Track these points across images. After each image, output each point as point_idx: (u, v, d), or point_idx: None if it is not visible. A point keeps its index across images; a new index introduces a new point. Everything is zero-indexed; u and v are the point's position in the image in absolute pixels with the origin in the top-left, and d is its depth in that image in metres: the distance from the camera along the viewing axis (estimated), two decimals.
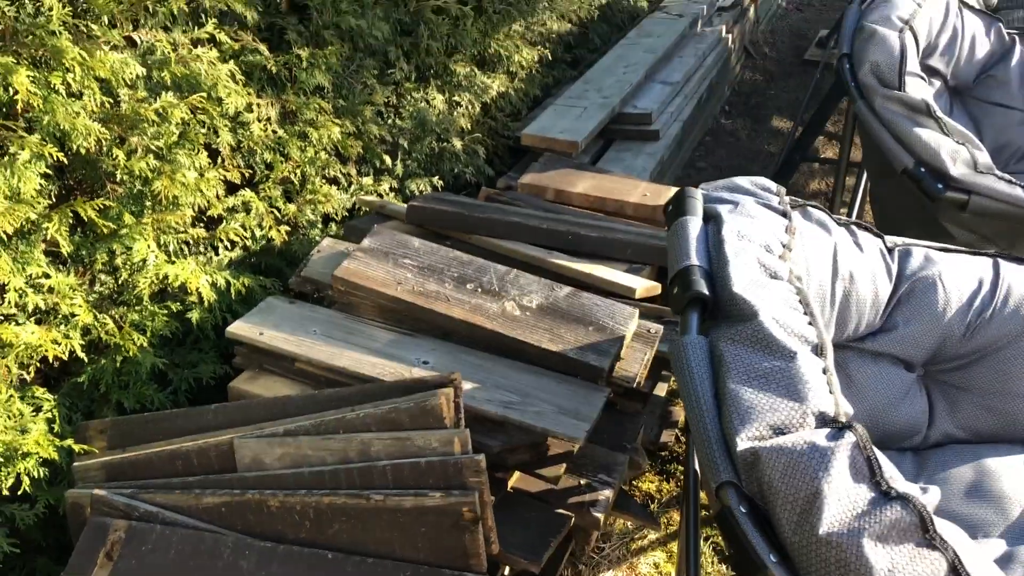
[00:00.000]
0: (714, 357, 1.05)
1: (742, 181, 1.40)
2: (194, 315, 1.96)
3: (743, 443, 0.93)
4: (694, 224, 1.21)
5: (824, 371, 1.02)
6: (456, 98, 2.92)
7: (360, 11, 2.43)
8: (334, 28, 2.39)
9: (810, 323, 1.08)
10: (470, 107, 2.97)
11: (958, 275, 1.58)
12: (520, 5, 3.13)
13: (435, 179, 2.76)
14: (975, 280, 1.59)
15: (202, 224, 2.07)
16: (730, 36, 4.37)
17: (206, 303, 1.94)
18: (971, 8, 2.59)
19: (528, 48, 3.20)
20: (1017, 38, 2.60)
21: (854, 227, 1.57)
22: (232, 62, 2.05)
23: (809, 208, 1.51)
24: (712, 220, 1.24)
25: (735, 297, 1.07)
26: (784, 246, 1.25)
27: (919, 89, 2.06)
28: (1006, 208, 1.94)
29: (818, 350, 1.05)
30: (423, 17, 2.72)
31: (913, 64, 2.10)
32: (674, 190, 2.71)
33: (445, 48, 2.85)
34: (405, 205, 2.28)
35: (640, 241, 2.04)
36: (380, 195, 2.55)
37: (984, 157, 1.98)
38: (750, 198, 1.33)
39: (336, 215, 2.45)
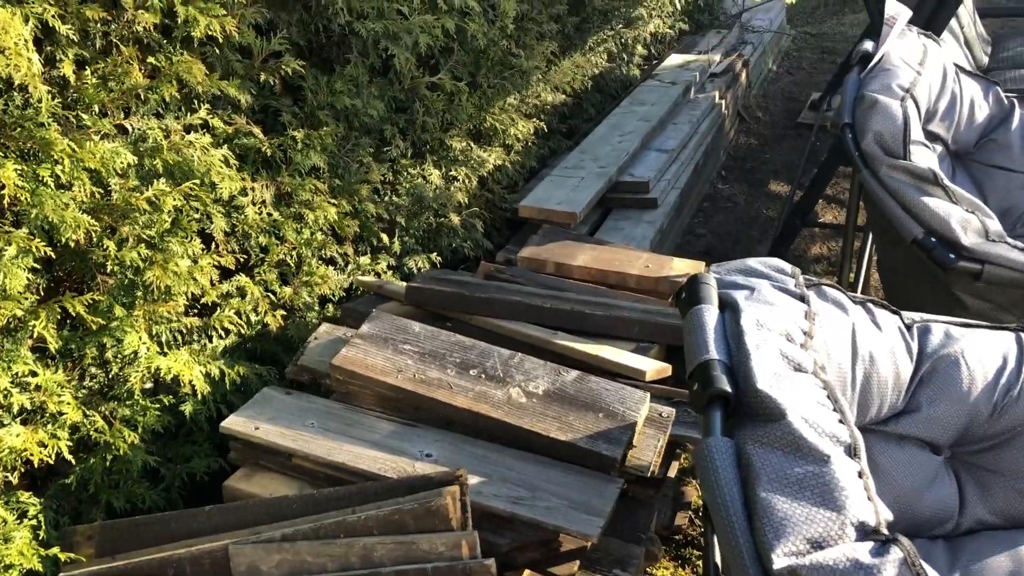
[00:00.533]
0: (741, 460, 0.98)
1: (755, 263, 1.35)
2: (187, 408, 1.89)
3: (780, 560, 0.86)
4: (710, 314, 1.15)
5: (860, 474, 0.96)
6: (453, 173, 2.90)
7: (355, 90, 2.41)
8: (329, 108, 2.36)
9: (841, 420, 1.02)
10: (467, 181, 2.95)
11: (981, 352, 1.53)
12: (514, 79, 3.13)
13: (433, 255, 2.71)
14: (999, 357, 1.53)
15: (195, 312, 2.01)
16: (723, 102, 4.38)
17: (200, 395, 1.87)
18: (967, 72, 2.58)
19: (523, 121, 3.19)
20: (1016, 101, 2.58)
21: (870, 305, 1.52)
22: (226, 146, 2.02)
23: (824, 287, 1.45)
24: (728, 308, 1.18)
25: (759, 394, 1.01)
26: (805, 333, 1.19)
27: (924, 158, 2.03)
28: (1020, 277, 1.89)
29: (851, 451, 0.99)
30: (418, 94, 2.71)
31: (917, 132, 2.07)
32: (675, 261, 2.67)
33: (441, 124, 2.83)
34: (404, 285, 2.22)
35: (647, 319, 1.98)
36: (378, 274, 2.50)
37: (995, 225, 1.94)
38: (765, 281, 1.28)
39: (333, 296, 2.40)
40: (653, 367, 1.83)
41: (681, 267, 2.62)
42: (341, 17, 2.29)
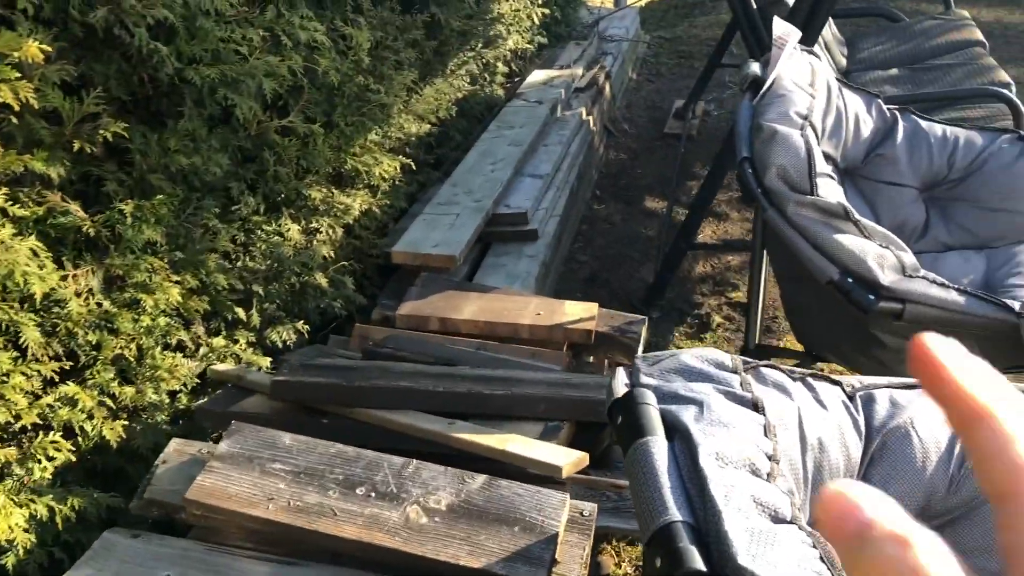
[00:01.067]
0: None
1: (691, 360, 1.14)
2: (9, 561, 1.54)
3: None
4: (659, 450, 0.93)
5: None
6: (314, 224, 2.59)
7: (192, 146, 2.08)
8: (163, 170, 2.03)
9: None
10: (331, 232, 2.65)
11: (930, 420, 1.37)
12: (374, 113, 2.85)
13: (299, 323, 2.40)
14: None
15: (10, 439, 1.66)
16: (591, 118, 4.23)
17: (22, 548, 1.52)
18: (849, 86, 2.49)
19: (388, 158, 2.91)
20: (898, 115, 2.51)
21: (811, 380, 1.34)
22: (34, 235, 1.67)
23: (762, 370, 1.27)
24: (679, 436, 0.96)
25: (743, 573, 0.79)
26: (770, 458, 0.99)
27: (831, 191, 1.89)
28: (941, 314, 1.77)
29: None
30: (267, 140, 2.39)
31: (820, 163, 1.93)
32: (567, 304, 2.46)
33: (296, 171, 2.52)
34: (267, 374, 1.92)
35: (553, 395, 1.76)
36: (237, 356, 2.17)
37: (910, 258, 1.82)
38: (710, 387, 1.07)
39: (186, 386, 2.06)
40: (569, 460, 1.60)
41: (573, 311, 2.43)
42: (169, 65, 1.95)
